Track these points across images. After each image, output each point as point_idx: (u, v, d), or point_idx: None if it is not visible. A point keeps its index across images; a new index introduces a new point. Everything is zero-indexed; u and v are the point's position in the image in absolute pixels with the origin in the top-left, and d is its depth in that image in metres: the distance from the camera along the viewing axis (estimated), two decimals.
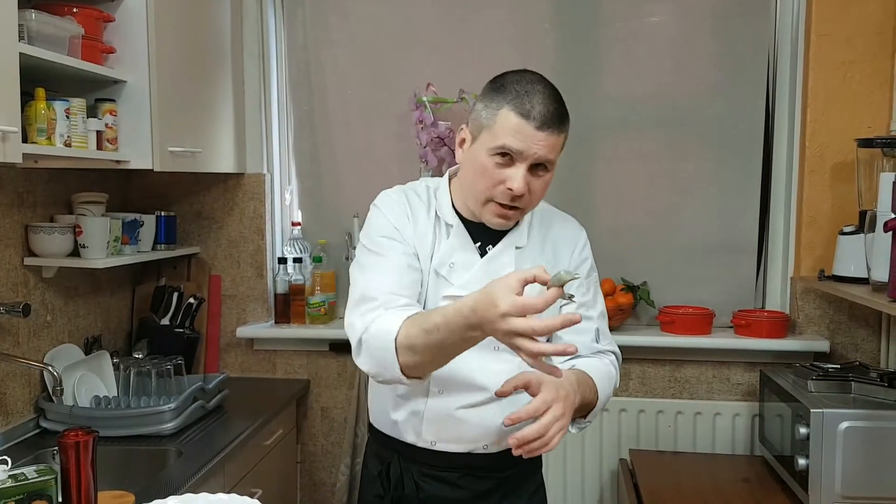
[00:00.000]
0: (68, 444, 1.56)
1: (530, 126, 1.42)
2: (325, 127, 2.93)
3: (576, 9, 2.78)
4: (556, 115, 1.45)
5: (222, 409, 2.48)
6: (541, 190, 1.51)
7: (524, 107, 1.43)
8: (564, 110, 1.49)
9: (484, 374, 1.55)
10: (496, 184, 1.47)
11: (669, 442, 2.69)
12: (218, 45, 2.66)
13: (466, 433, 1.59)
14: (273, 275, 2.91)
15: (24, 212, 2.25)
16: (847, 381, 2.18)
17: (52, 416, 2.23)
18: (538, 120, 1.42)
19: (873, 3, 2.50)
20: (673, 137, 2.77)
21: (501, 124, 1.44)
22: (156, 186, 2.85)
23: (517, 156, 1.44)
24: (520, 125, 1.43)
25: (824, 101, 2.55)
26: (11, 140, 1.67)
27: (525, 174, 1.45)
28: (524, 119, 1.43)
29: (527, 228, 1.62)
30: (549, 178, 1.52)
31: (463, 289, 1.52)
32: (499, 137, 1.44)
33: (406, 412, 1.61)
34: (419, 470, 1.63)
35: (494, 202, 1.49)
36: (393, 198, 1.61)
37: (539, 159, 1.45)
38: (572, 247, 1.64)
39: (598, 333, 1.64)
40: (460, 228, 1.58)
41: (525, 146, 1.43)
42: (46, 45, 1.85)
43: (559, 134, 1.46)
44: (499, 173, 1.46)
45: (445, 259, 1.57)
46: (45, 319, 2.33)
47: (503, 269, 1.55)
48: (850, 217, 2.47)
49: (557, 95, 1.48)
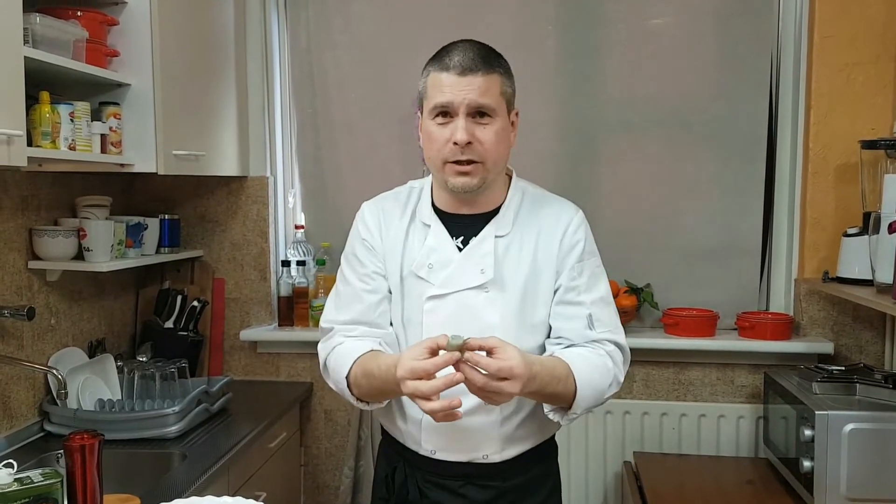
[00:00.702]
0: (74, 448, 1.56)
1: (452, 75, 1.46)
2: (328, 130, 2.93)
3: (578, 11, 2.78)
4: (475, 59, 1.47)
5: (226, 412, 2.48)
6: (491, 140, 1.49)
7: (443, 62, 1.48)
8: (491, 55, 1.51)
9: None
10: (444, 143, 1.49)
11: (674, 444, 2.69)
12: (221, 48, 2.67)
13: (466, 442, 1.58)
14: (276, 278, 2.91)
15: (29, 215, 2.26)
16: (852, 383, 2.18)
17: (56, 419, 2.24)
18: (458, 67, 1.46)
19: (876, 4, 2.50)
20: (676, 139, 2.77)
21: (431, 86, 1.50)
22: (159, 190, 2.86)
23: (451, 108, 1.47)
24: (442, 79, 1.47)
25: (828, 102, 2.55)
26: (16, 143, 1.67)
27: (465, 124, 1.46)
28: (445, 72, 1.47)
29: (512, 215, 1.59)
30: (502, 128, 1.51)
31: (443, 287, 1.55)
32: (431, 98, 1.50)
33: (406, 421, 1.62)
34: (422, 476, 1.63)
35: (450, 163, 1.50)
36: (368, 211, 1.66)
37: (472, 104, 1.46)
38: (561, 231, 1.58)
39: (591, 320, 1.56)
40: (438, 227, 1.59)
41: (452, 95, 1.46)
42: (51, 49, 1.85)
43: (485, 75, 1.47)
44: (443, 132, 1.49)
45: (424, 261, 1.57)
46: (50, 323, 2.33)
47: (483, 261, 1.55)
48: (853, 219, 2.47)
49: (482, 46, 1.51)
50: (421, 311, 1.57)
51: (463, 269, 1.55)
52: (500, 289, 1.55)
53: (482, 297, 1.54)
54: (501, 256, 1.56)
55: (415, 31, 2.84)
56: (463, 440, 1.58)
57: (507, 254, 1.57)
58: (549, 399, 1.50)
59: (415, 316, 1.58)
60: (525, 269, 1.56)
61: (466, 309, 1.54)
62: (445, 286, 1.55)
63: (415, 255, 1.58)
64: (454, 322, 1.53)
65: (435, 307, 1.56)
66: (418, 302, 1.57)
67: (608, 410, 2.71)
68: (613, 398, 2.68)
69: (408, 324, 1.60)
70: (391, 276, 1.61)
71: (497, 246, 1.56)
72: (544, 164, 2.82)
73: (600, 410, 2.69)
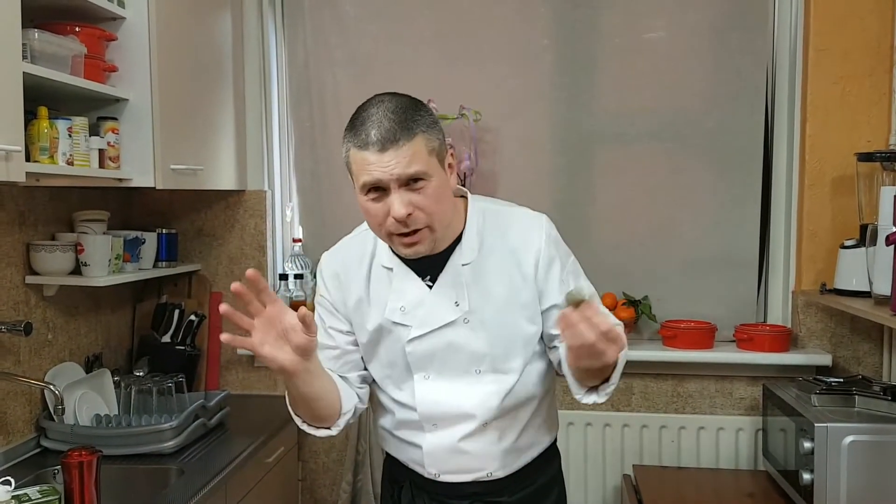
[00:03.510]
0: (72, 464, 1.56)
1: (373, 153, 1.37)
2: (325, 143, 2.93)
3: (574, 25, 2.80)
4: (392, 130, 1.37)
5: (223, 427, 2.47)
6: (431, 203, 1.40)
7: (360, 138, 1.39)
8: (406, 117, 1.39)
9: (470, 401, 1.53)
10: (382, 219, 1.41)
11: (673, 457, 2.68)
12: (219, 63, 2.67)
13: (468, 464, 1.57)
14: (274, 291, 2.89)
15: (26, 230, 2.25)
16: (850, 395, 2.18)
17: (52, 435, 2.22)
18: (376, 144, 1.37)
19: (870, 17, 2.52)
20: (672, 152, 2.77)
21: (355, 164, 1.41)
22: (157, 204, 2.86)
23: (382, 185, 1.39)
24: (364, 157, 1.38)
25: (823, 115, 2.56)
26: (15, 159, 1.67)
27: (400, 197, 1.38)
28: (364, 150, 1.38)
29: (476, 240, 1.53)
30: (438, 186, 1.41)
31: (422, 327, 1.51)
32: (359, 177, 1.41)
33: (408, 445, 1.61)
34: (429, 497, 1.63)
35: (395, 235, 1.43)
36: (325, 266, 1.64)
37: (402, 177, 1.37)
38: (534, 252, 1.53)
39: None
40: (400, 269, 1.54)
41: (378, 174, 1.37)
42: (49, 65, 1.86)
43: (407, 142, 1.37)
44: (379, 208, 1.41)
45: (395, 305, 1.53)
46: (47, 338, 2.32)
47: (455, 293, 1.51)
48: (850, 231, 2.48)
49: (397, 107, 1.40)
50: (403, 354, 1.54)
51: (437, 306, 1.51)
52: (480, 317, 1.52)
53: (464, 329, 1.51)
54: (473, 283, 1.52)
55: (411, 47, 2.86)
56: (465, 461, 1.57)
57: (479, 278, 1.52)
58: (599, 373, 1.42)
59: (399, 357, 1.55)
60: (502, 290, 1.52)
61: (450, 343, 1.52)
62: (424, 325, 1.51)
63: (382, 302, 1.54)
64: (441, 356, 1.52)
65: (416, 348, 1.53)
66: (397, 346, 1.54)
67: (607, 423, 2.70)
68: (612, 411, 2.71)
69: (392, 366, 1.57)
70: (362, 328, 1.57)
71: (465, 274, 1.52)
72: (541, 177, 2.83)
73: (599, 423, 2.70)
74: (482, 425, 1.54)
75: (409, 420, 1.58)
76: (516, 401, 1.56)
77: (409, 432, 1.60)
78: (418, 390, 1.55)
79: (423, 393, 1.55)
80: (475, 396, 1.53)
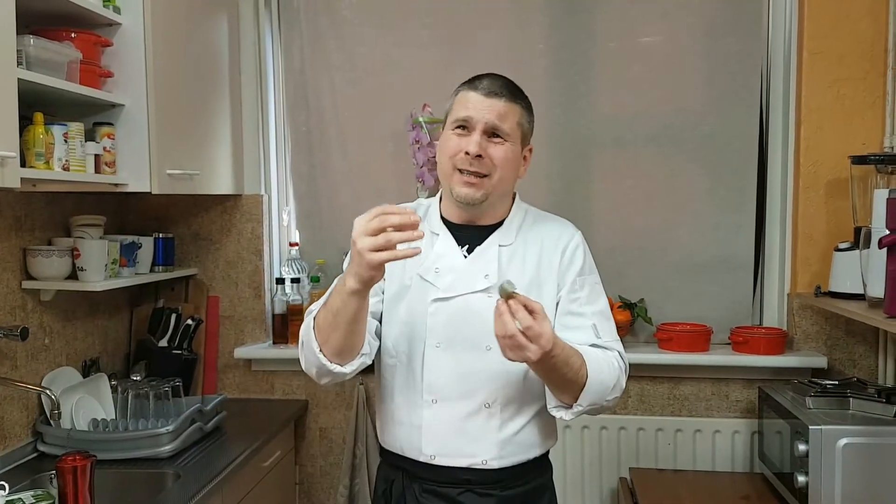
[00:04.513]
0: (66, 469, 1.56)
1: (479, 94, 1.58)
2: (322, 148, 2.94)
3: (570, 30, 2.81)
4: (502, 85, 1.59)
5: (220, 431, 2.47)
6: (502, 159, 1.58)
7: (473, 83, 1.61)
8: (514, 87, 1.62)
9: (476, 377, 1.58)
10: (456, 152, 1.58)
11: (669, 460, 2.69)
12: (215, 67, 2.68)
13: (466, 446, 1.60)
14: (271, 295, 2.91)
15: (23, 235, 2.26)
16: (845, 397, 2.18)
17: (49, 439, 2.23)
18: (485, 89, 1.58)
19: (864, 21, 2.53)
20: (668, 155, 2.78)
21: (458, 103, 1.61)
22: (154, 209, 2.86)
23: (470, 123, 1.57)
24: (469, 96, 1.59)
25: (818, 118, 2.57)
26: (10, 165, 1.68)
27: (479, 139, 1.56)
28: (473, 91, 1.59)
29: (515, 229, 1.67)
30: (511, 152, 1.60)
31: (448, 291, 1.61)
32: (455, 112, 1.61)
33: (406, 427, 1.64)
34: (420, 486, 1.64)
35: (458, 172, 1.58)
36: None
37: (489, 125, 1.56)
38: (563, 246, 1.67)
39: (597, 330, 1.63)
40: (446, 235, 1.66)
41: (474, 111, 1.57)
42: (45, 70, 1.86)
43: (508, 102, 1.58)
44: (458, 142, 1.58)
45: (431, 266, 1.63)
46: (43, 342, 2.33)
47: (487, 267, 1.62)
48: (845, 233, 2.48)
49: (510, 80, 1.63)
50: (425, 312, 1.61)
51: (468, 274, 1.62)
52: None
53: (486, 301, 1.56)
54: (505, 264, 1.63)
55: (408, 52, 2.86)
56: (463, 444, 1.60)
57: (511, 262, 1.64)
58: (557, 384, 1.52)
59: (419, 317, 1.62)
60: (527, 277, 1.63)
61: (470, 312, 1.58)
62: (450, 290, 1.61)
63: (422, 260, 1.63)
64: (457, 324, 1.59)
65: (438, 309, 1.60)
66: (422, 304, 1.62)
67: (603, 426, 2.71)
68: (609, 414, 2.71)
69: (409, 326, 1.63)
70: (396, 278, 1.65)
71: (501, 254, 1.64)
72: (538, 180, 2.83)
73: (595, 426, 2.70)
74: (485, 406, 1.58)
75: (410, 396, 1.62)
76: (520, 389, 1.60)
77: (409, 411, 1.63)
78: (428, 357, 1.60)
79: (431, 360, 1.60)
80: (482, 372, 1.58)
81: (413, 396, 1.62)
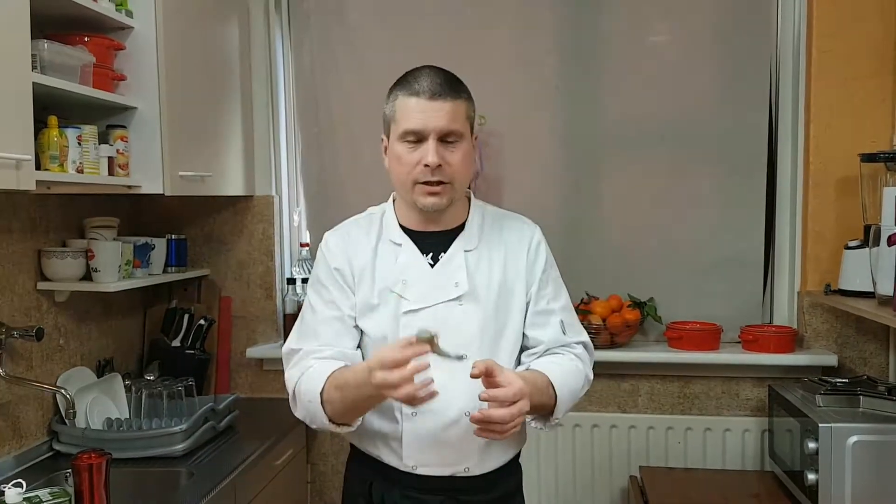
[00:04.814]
0: (82, 467, 1.58)
1: (422, 100, 1.51)
2: (332, 149, 2.96)
3: (578, 29, 2.81)
4: (443, 84, 1.53)
5: (233, 430, 2.49)
6: (460, 162, 1.55)
7: (412, 87, 1.53)
8: (455, 81, 1.57)
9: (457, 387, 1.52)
10: (413, 165, 1.54)
11: (679, 458, 2.69)
12: (227, 70, 2.71)
13: (447, 456, 1.59)
14: (282, 295, 2.93)
15: (37, 237, 2.29)
16: (855, 395, 2.18)
17: (65, 438, 2.26)
18: (427, 92, 1.51)
19: (874, 19, 2.52)
20: (677, 154, 2.78)
21: (400, 111, 1.55)
22: (166, 210, 2.89)
23: (422, 133, 1.52)
24: (412, 104, 1.52)
25: (827, 116, 2.57)
26: (25, 168, 1.70)
27: (435, 147, 1.51)
28: (414, 97, 1.52)
29: (477, 231, 1.66)
30: (467, 151, 1.57)
31: (419, 302, 1.58)
32: (401, 123, 1.54)
33: (386, 438, 1.61)
34: (401, 493, 1.62)
35: (419, 184, 1.55)
36: (333, 239, 1.68)
37: (442, 130, 1.52)
38: (526, 245, 1.67)
39: (564, 325, 1.67)
40: (408, 245, 1.63)
41: (424, 120, 1.51)
42: (58, 74, 1.89)
43: (453, 101, 1.53)
44: (412, 155, 1.54)
45: (398, 278, 1.61)
46: (58, 343, 2.36)
47: (455, 274, 1.60)
48: (855, 231, 2.48)
49: (446, 72, 1.57)
50: (397, 326, 1.58)
51: (437, 284, 1.59)
52: (475, 300, 1.60)
53: (457, 309, 1.58)
54: (473, 269, 1.62)
55: (416, 53, 2.83)
56: (446, 454, 1.59)
57: (478, 267, 1.62)
58: (534, 409, 1.53)
59: (390, 331, 1.59)
60: (496, 282, 1.63)
61: (443, 322, 1.55)
62: (420, 301, 1.58)
63: (387, 274, 1.61)
64: None
65: (410, 322, 1.57)
66: (393, 318, 1.59)
67: (613, 425, 2.71)
68: (619, 413, 2.72)
69: (384, 340, 1.60)
70: (364, 295, 1.62)
71: (467, 260, 1.62)
72: (547, 180, 2.85)
73: (606, 425, 2.71)
74: (465, 414, 1.54)
75: (385, 407, 1.58)
76: None
77: (386, 422, 1.60)
78: None
79: None
80: (461, 382, 1.51)
81: (392, 411, 1.59)
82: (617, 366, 2.69)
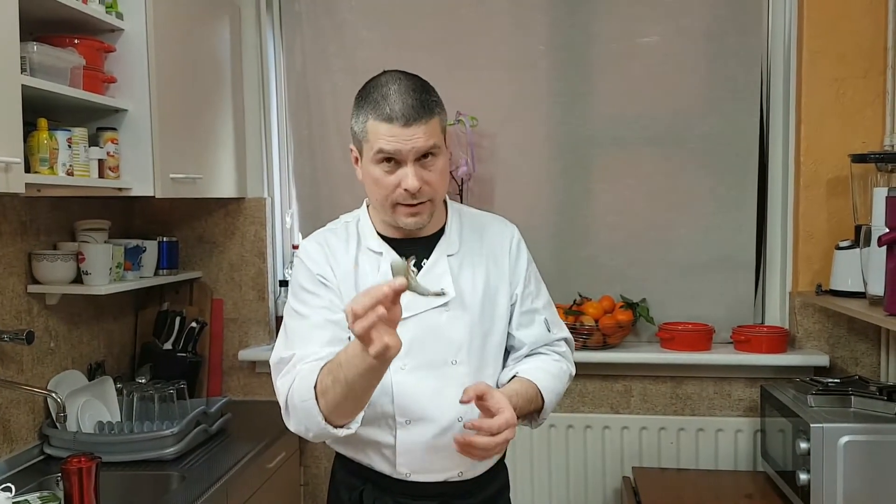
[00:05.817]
0: (71, 471, 1.58)
1: (397, 127, 1.45)
2: (324, 151, 2.96)
3: (570, 31, 2.82)
4: (416, 106, 1.46)
5: (225, 433, 2.49)
6: (438, 177, 1.52)
7: (383, 111, 1.46)
8: (426, 97, 1.49)
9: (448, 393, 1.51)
10: (392, 189, 1.50)
11: (672, 459, 2.69)
12: (218, 72, 2.70)
13: (442, 462, 1.58)
14: (274, 297, 2.92)
15: (28, 239, 2.28)
16: (847, 395, 2.19)
17: (55, 442, 2.25)
18: (401, 119, 1.45)
19: (864, 19, 2.53)
20: (669, 155, 2.79)
21: (373, 134, 1.48)
22: (157, 212, 2.88)
23: (398, 157, 1.47)
24: (387, 130, 1.45)
25: (818, 116, 2.58)
26: (14, 170, 1.70)
27: (414, 170, 1.47)
28: (388, 123, 1.45)
29: (457, 236, 1.63)
30: (444, 163, 1.53)
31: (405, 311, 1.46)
32: (374, 144, 1.48)
33: (379, 447, 1.58)
34: (393, 499, 1.61)
35: (399, 205, 1.51)
36: (312, 246, 1.62)
37: (420, 152, 1.47)
38: (507, 247, 1.67)
39: (548, 323, 1.68)
40: (389, 253, 1.58)
41: (400, 146, 1.45)
42: (48, 77, 1.88)
43: (428, 120, 1.47)
44: (390, 178, 1.49)
45: None
46: (49, 346, 2.35)
47: (440, 281, 1.56)
48: (846, 231, 2.49)
49: (416, 86, 1.49)
50: None
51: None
52: (461, 306, 1.57)
53: (444, 316, 1.55)
54: (457, 274, 1.59)
55: (409, 54, 2.87)
56: (439, 459, 1.57)
57: (462, 272, 1.60)
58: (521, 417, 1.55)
59: None
60: (480, 286, 1.61)
61: (430, 329, 1.54)
62: (406, 309, 1.47)
63: (370, 283, 1.54)
64: (419, 343, 1.53)
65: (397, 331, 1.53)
66: None
67: (606, 426, 2.72)
68: (611, 414, 2.73)
69: None
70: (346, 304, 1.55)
71: (451, 265, 1.60)
72: (538, 181, 2.85)
73: (598, 426, 2.72)
74: (458, 420, 1.53)
75: (377, 417, 1.55)
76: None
77: (377, 430, 1.56)
78: (396, 382, 1.53)
79: (399, 384, 1.53)
80: (452, 388, 1.50)
81: (385, 420, 1.56)
82: (609, 367, 2.70)
